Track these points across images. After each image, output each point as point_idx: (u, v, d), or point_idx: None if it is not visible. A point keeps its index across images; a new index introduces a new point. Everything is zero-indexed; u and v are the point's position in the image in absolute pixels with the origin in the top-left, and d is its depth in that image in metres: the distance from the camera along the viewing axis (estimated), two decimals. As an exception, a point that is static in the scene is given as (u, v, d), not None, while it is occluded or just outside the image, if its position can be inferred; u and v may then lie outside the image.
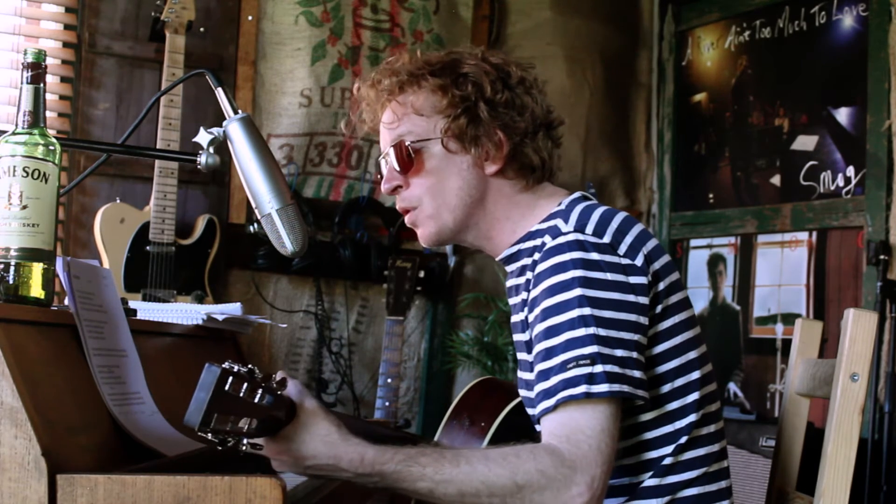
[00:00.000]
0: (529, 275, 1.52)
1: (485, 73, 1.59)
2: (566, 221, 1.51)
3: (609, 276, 1.44)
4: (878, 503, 3.09)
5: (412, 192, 1.61)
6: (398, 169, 1.60)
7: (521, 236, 1.61)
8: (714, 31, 4.25)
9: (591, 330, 1.40)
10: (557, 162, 1.66)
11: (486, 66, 1.60)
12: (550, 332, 1.43)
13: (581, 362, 1.38)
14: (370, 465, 1.34)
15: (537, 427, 1.58)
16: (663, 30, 4.40)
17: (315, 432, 1.34)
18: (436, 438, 1.76)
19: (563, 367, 1.39)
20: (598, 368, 1.38)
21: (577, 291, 1.42)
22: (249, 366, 1.26)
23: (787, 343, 3.79)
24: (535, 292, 1.48)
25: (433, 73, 1.59)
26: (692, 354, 1.53)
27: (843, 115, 3.72)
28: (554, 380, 1.40)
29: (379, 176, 1.67)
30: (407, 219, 1.64)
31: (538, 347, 1.45)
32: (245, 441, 1.26)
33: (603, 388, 1.37)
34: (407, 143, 1.59)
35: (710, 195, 4.19)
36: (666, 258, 1.54)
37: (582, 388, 1.37)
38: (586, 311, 1.41)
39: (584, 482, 1.33)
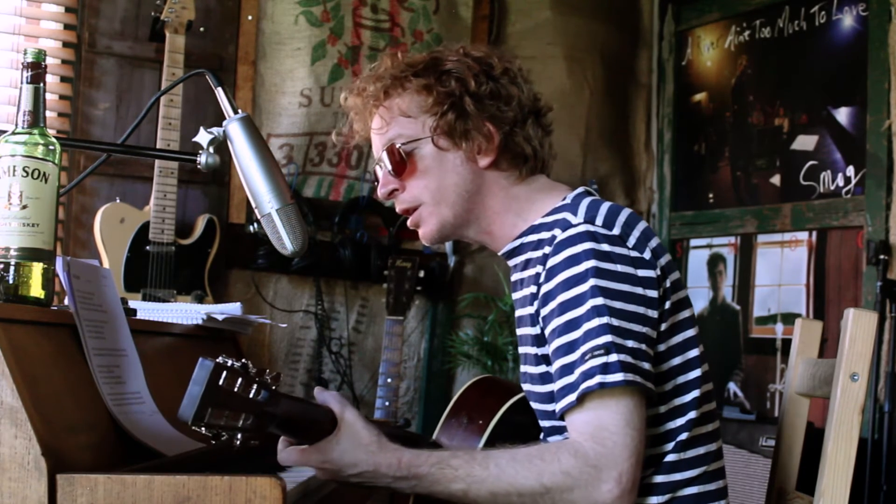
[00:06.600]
0: (539, 268, 1.52)
1: (467, 68, 1.59)
2: (575, 214, 1.52)
3: (619, 267, 1.45)
4: (878, 503, 3.08)
5: (410, 194, 1.62)
6: (393, 173, 1.61)
7: (523, 230, 1.62)
8: (714, 30, 4.25)
9: (605, 320, 1.41)
10: (549, 151, 1.67)
11: (468, 60, 1.61)
12: (570, 326, 1.43)
13: (596, 353, 1.39)
14: (406, 469, 1.38)
15: (541, 423, 1.58)
16: (663, 30, 4.40)
17: (357, 442, 1.39)
18: (434, 437, 1.76)
19: (582, 359, 1.40)
20: (613, 358, 1.39)
21: (591, 282, 1.43)
22: (243, 360, 1.26)
23: (787, 343, 3.78)
24: (549, 286, 1.48)
25: (416, 73, 1.60)
26: (694, 352, 1.53)
27: (842, 114, 3.72)
28: (576, 373, 1.41)
29: (376, 182, 1.68)
30: (410, 221, 1.65)
31: (558, 342, 1.45)
32: (239, 436, 1.26)
33: (618, 377, 1.38)
34: (398, 146, 1.60)
35: (710, 195, 4.19)
36: (668, 256, 1.55)
37: (597, 379, 1.38)
38: (599, 301, 1.42)
39: (612, 478, 1.35)
